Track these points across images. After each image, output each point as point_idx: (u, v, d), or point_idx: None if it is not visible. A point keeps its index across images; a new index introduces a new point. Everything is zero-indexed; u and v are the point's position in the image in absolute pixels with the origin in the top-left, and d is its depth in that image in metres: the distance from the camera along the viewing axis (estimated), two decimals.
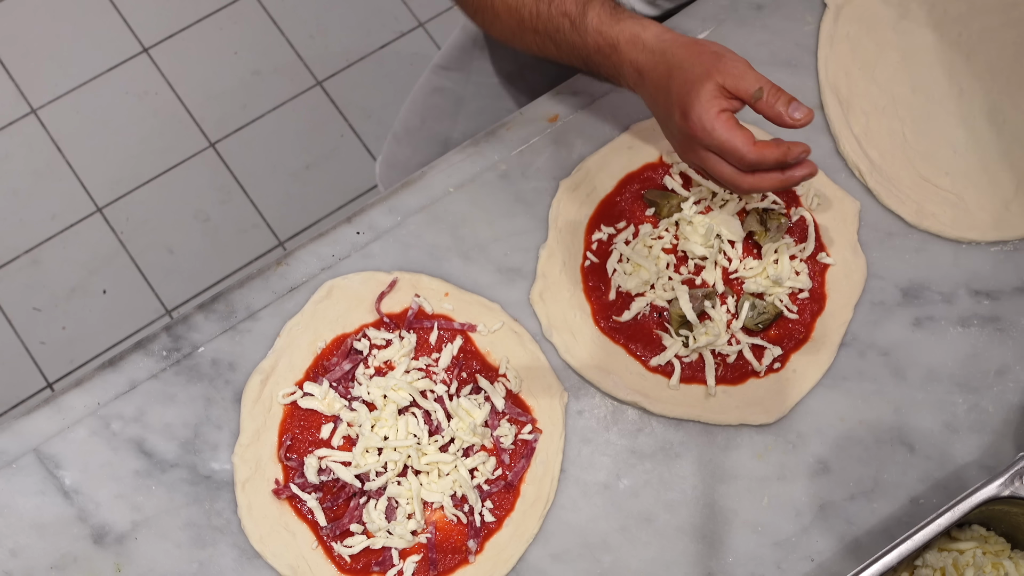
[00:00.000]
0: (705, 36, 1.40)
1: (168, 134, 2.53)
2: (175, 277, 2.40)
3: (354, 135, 2.55)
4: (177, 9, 2.65)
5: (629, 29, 1.16)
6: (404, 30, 2.66)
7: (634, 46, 1.15)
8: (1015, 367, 1.27)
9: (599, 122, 1.35)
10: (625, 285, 1.27)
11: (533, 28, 1.22)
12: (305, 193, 2.49)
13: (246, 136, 2.54)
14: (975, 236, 1.32)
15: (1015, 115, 1.38)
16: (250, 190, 2.49)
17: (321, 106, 2.58)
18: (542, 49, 1.24)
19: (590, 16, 1.18)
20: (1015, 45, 1.41)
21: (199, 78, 2.59)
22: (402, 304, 1.27)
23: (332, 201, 2.48)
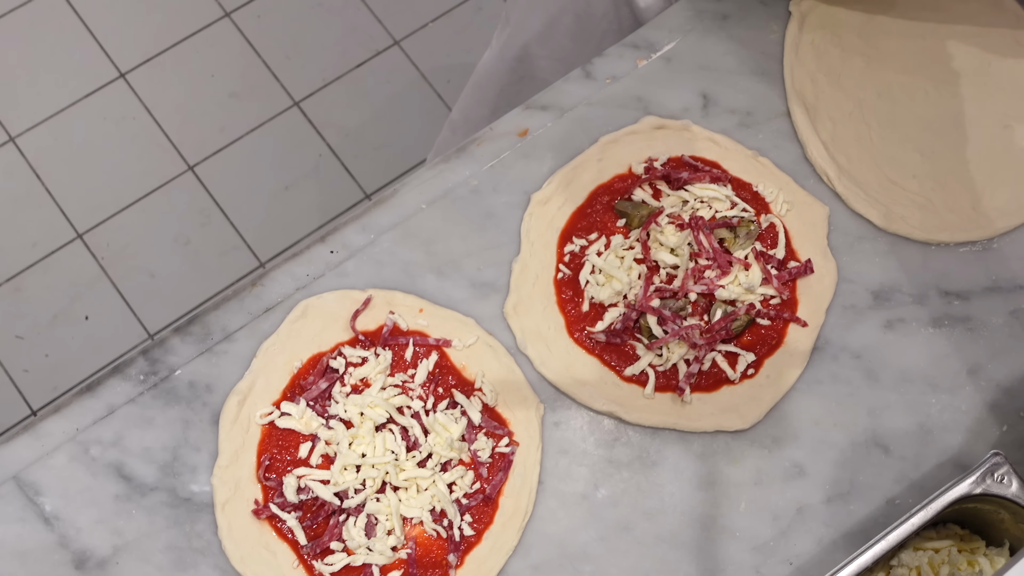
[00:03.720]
0: (671, 47, 1.41)
1: (147, 158, 2.54)
2: (157, 301, 2.40)
3: (332, 154, 2.56)
4: (153, 33, 2.66)
5: None
6: (379, 48, 2.68)
7: None
8: (987, 366, 1.28)
9: (568, 135, 1.36)
10: (598, 296, 1.28)
11: None
12: (285, 213, 2.50)
13: (224, 158, 2.55)
14: (944, 237, 1.33)
15: (980, 117, 1.39)
16: (230, 212, 2.50)
17: (299, 126, 2.59)
18: None
19: None
20: (978, 48, 1.43)
21: (176, 102, 2.60)
22: (377, 321, 1.27)
23: (312, 220, 2.49)
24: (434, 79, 2.65)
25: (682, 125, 1.36)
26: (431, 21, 2.71)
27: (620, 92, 1.39)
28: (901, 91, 1.40)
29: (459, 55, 2.68)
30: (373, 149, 2.57)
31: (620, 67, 1.40)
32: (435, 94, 2.64)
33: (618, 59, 1.41)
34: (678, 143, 1.36)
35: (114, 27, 2.65)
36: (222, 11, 2.68)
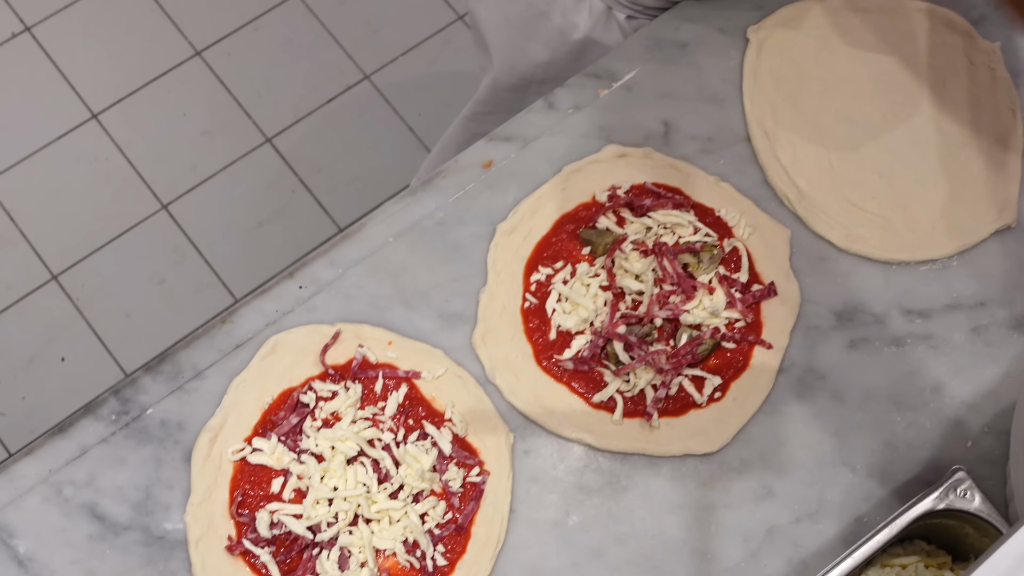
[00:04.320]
0: (632, 76, 1.43)
1: (120, 198, 2.55)
2: (133, 341, 2.41)
3: (305, 190, 2.57)
4: (124, 73, 2.67)
5: None
6: (350, 83, 2.70)
7: None
8: (950, 383, 1.30)
9: (532, 165, 1.38)
10: (565, 324, 1.29)
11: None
12: (260, 250, 2.51)
13: (198, 196, 2.56)
14: (904, 257, 1.35)
15: (936, 138, 1.41)
16: (204, 250, 2.51)
17: (271, 162, 2.60)
18: None
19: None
20: (931, 70, 1.45)
21: (149, 141, 2.61)
22: (346, 355, 1.28)
23: (287, 256, 2.50)
24: (405, 112, 2.67)
25: (644, 153, 1.38)
26: (400, 55, 2.73)
27: (582, 121, 1.40)
28: (858, 114, 1.42)
29: (429, 88, 2.70)
30: (346, 183, 2.58)
31: (582, 97, 1.42)
32: (406, 127, 2.66)
33: (580, 89, 1.43)
34: (641, 170, 1.37)
35: (85, 68, 2.67)
36: (192, 50, 2.69)
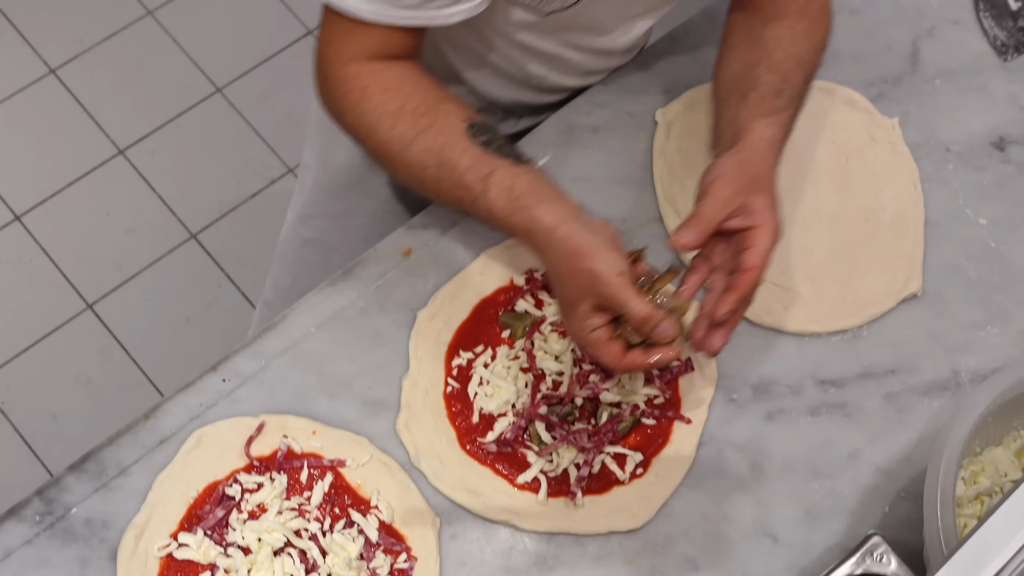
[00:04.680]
0: (546, 161, 1.46)
1: (44, 300, 2.53)
2: (60, 443, 2.38)
3: (231, 284, 2.58)
4: (48, 173, 2.67)
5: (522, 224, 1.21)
6: (274, 177, 2.72)
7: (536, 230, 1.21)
8: (865, 450, 1.33)
9: (451, 251, 1.40)
10: (487, 407, 1.30)
11: (436, 191, 1.25)
12: (187, 346, 2.50)
13: (123, 295, 2.55)
14: (816, 328, 1.39)
15: (842, 210, 1.46)
16: (131, 348, 2.50)
17: (197, 258, 2.60)
18: (442, 203, 1.29)
19: (491, 198, 1.22)
20: (835, 146, 1.50)
21: (73, 241, 2.60)
22: (271, 446, 1.29)
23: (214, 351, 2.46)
24: None
25: None
26: None
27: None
28: None
29: None
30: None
31: None
32: None
33: None
34: None
35: (6, 169, 2.67)
36: (115, 149, 2.70)
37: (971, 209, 1.49)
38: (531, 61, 1.45)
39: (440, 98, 1.26)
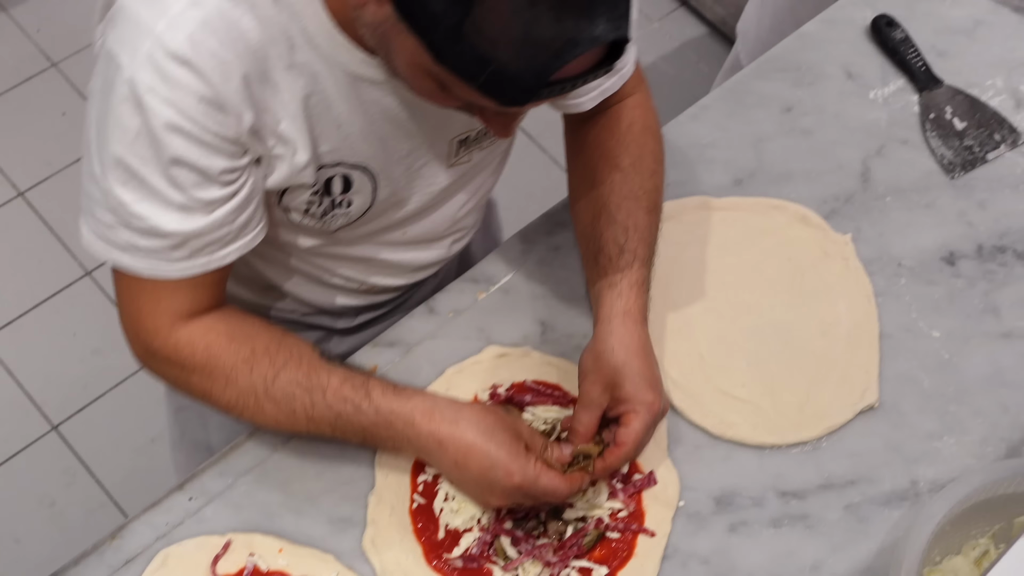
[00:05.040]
0: (508, 279, 1.49)
1: (9, 421, 2.53)
2: (23, 567, 2.36)
3: None
4: (15, 294, 2.69)
5: (421, 404, 1.25)
6: None
7: (431, 418, 1.24)
8: (827, 560, 1.34)
9: (416, 369, 1.42)
10: (453, 523, 1.31)
11: (308, 417, 1.25)
12: (152, 466, 2.49)
13: (89, 416, 2.55)
14: (775, 440, 1.41)
15: (798, 325, 1.49)
16: (96, 470, 2.48)
17: None
18: (316, 432, 1.28)
19: (375, 397, 1.24)
20: (790, 262, 1.54)
21: (39, 362, 2.61)
22: (237, 564, 1.29)
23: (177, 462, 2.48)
24: None
25: (523, 352, 1.44)
26: None
27: (463, 324, 1.46)
28: (725, 306, 1.50)
29: None
30: None
31: (461, 301, 1.48)
32: None
33: (459, 294, 1.49)
34: (520, 369, 1.43)
35: None
36: (82, 270, 2.72)
37: (924, 322, 1.53)
38: (344, 267, 1.45)
39: (283, 332, 1.28)
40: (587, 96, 1.39)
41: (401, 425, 1.24)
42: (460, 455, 1.23)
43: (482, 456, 1.23)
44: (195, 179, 1.13)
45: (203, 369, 1.24)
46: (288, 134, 1.17)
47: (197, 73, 1.07)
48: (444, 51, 0.96)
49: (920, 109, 1.71)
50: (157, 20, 1.06)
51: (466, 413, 1.26)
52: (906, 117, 1.71)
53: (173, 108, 1.08)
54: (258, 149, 1.17)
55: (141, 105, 1.08)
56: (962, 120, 1.70)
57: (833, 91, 1.72)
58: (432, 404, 1.25)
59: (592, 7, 0.95)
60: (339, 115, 1.20)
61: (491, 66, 0.96)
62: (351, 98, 1.19)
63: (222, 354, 1.24)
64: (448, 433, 1.24)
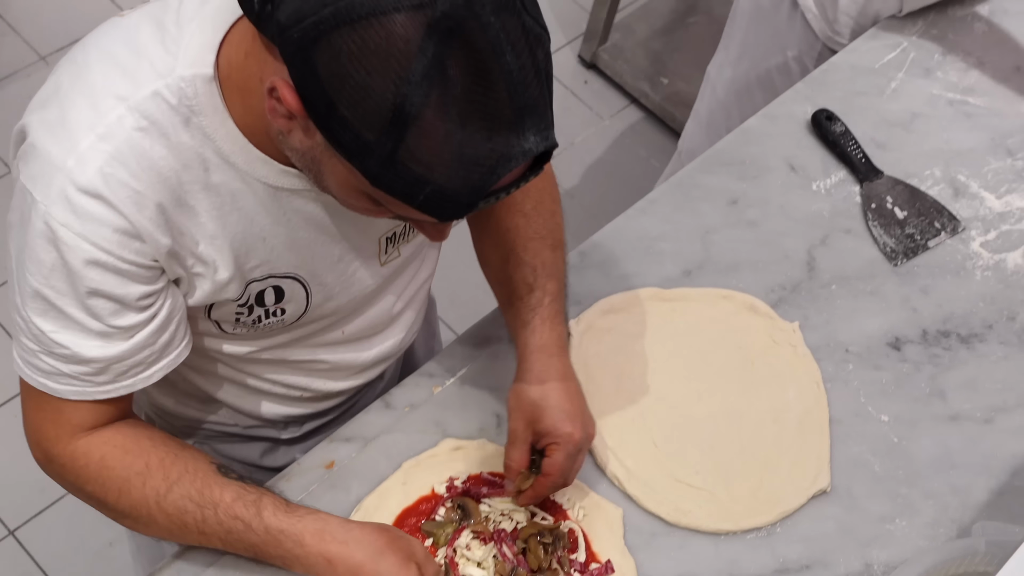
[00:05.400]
0: (464, 372, 1.51)
1: None
2: None
3: None
4: None
5: (312, 524, 1.26)
6: None
7: (322, 538, 1.25)
8: None
9: (373, 463, 1.43)
10: None
11: (199, 531, 1.26)
12: (110, 570, 2.46)
13: (46, 520, 2.52)
14: (730, 527, 1.43)
15: (749, 412, 1.52)
16: (54, 574, 2.45)
17: None
18: (209, 545, 1.28)
19: (266, 516, 1.25)
20: (740, 350, 1.57)
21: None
22: None
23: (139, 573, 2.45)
24: None
25: (479, 444, 1.45)
26: None
27: (419, 418, 1.48)
28: (677, 395, 1.52)
29: None
30: None
31: (417, 395, 1.50)
32: None
33: (415, 388, 1.50)
34: (477, 461, 1.44)
35: None
36: None
37: (873, 407, 1.56)
38: (284, 373, 1.45)
39: (181, 446, 1.29)
40: None
41: (290, 544, 1.24)
42: (348, 572, 1.24)
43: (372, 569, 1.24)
44: (112, 308, 1.14)
45: (97, 479, 1.25)
46: (207, 254, 1.19)
47: (109, 206, 1.09)
48: (380, 177, 0.99)
49: (862, 199, 1.76)
50: (67, 156, 1.08)
51: (356, 533, 1.26)
52: (849, 207, 1.76)
53: (87, 241, 1.09)
54: (177, 270, 1.19)
55: (56, 240, 1.09)
56: (903, 209, 1.75)
57: (777, 183, 1.77)
58: (323, 524, 1.26)
59: (521, 123, 0.98)
60: (263, 229, 1.21)
61: (428, 187, 0.98)
62: (273, 210, 1.20)
63: (116, 466, 1.24)
64: (337, 552, 1.24)
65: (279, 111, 1.03)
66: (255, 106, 1.09)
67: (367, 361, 1.50)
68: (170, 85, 1.09)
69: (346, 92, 0.95)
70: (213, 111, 1.11)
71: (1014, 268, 1.73)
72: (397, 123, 0.94)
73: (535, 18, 0.99)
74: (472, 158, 0.97)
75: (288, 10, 0.96)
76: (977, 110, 1.91)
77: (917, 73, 1.93)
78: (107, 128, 1.08)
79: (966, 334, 1.65)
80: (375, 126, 0.95)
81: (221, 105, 1.11)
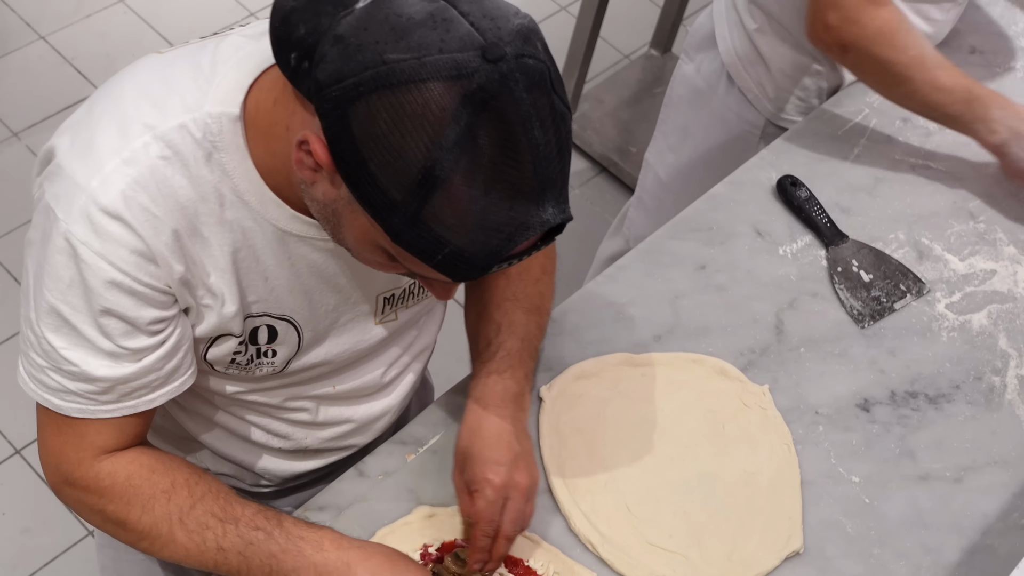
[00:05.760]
0: (436, 440, 1.52)
1: None
2: None
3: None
4: None
5: (330, 534, 1.30)
6: None
7: (340, 545, 1.29)
8: None
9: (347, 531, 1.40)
10: None
11: (218, 546, 1.27)
12: None
13: None
14: None
15: (722, 473, 1.53)
16: None
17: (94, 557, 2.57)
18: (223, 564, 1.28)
19: (287, 525, 1.28)
20: (711, 413, 1.59)
21: None
22: None
23: None
24: None
25: (452, 511, 1.45)
26: None
27: (392, 486, 1.48)
28: (649, 459, 1.53)
29: None
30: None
31: (390, 463, 1.50)
32: None
33: (388, 456, 1.51)
34: (451, 528, 1.44)
35: None
36: (12, 448, 2.70)
37: (843, 468, 1.57)
38: (270, 418, 1.47)
39: (203, 470, 1.32)
40: None
41: (311, 551, 1.27)
42: (369, 573, 1.26)
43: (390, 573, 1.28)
44: (124, 328, 1.18)
45: (122, 497, 1.27)
46: (217, 286, 1.22)
47: (128, 227, 1.13)
48: (401, 234, 1.03)
49: (828, 263, 1.79)
50: (91, 177, 1.12)
51: (374, 545, 1.32)
52: (815, 271, 1.78)
53: (105, 261, 1.13)
54: (188, 299, 1.22)
55: (75, 257, 1.13)
56: (868, 272, 1.78)
57: (744, 248, 1.80)
58: (341, 535, 1.30)
59: (543, 195, 1.03)
60: (266, 268, 1.25)
61: (447, 248, 1.02)
62: (279, 252, 1.24)
63: (143, 484, 1.27)
64: (357, 555, 1.28)
65: (306, 163, 1.07)
66: (277, 150, 1.14)
67: (355, 420, 1.52)
68: (197, 119, 1.14)
69: (379, 152, 0.99)
70: (235, 149, 1.16)
71: (979, 329, 1.75)
72: (425, 185, 0.99)
73: (561, 97, 1.04)
74: (493, 224, 1.01)
75: (328, 70, 1.01)
76: (939, 175, 1.95)
77: (879, 139, 1.97)
78: (132, 153, 1.13)
79: (934, 395, 1.67)
80: (403, 186, 0.99)
81: (243, 144, 1.16)
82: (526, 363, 1.45)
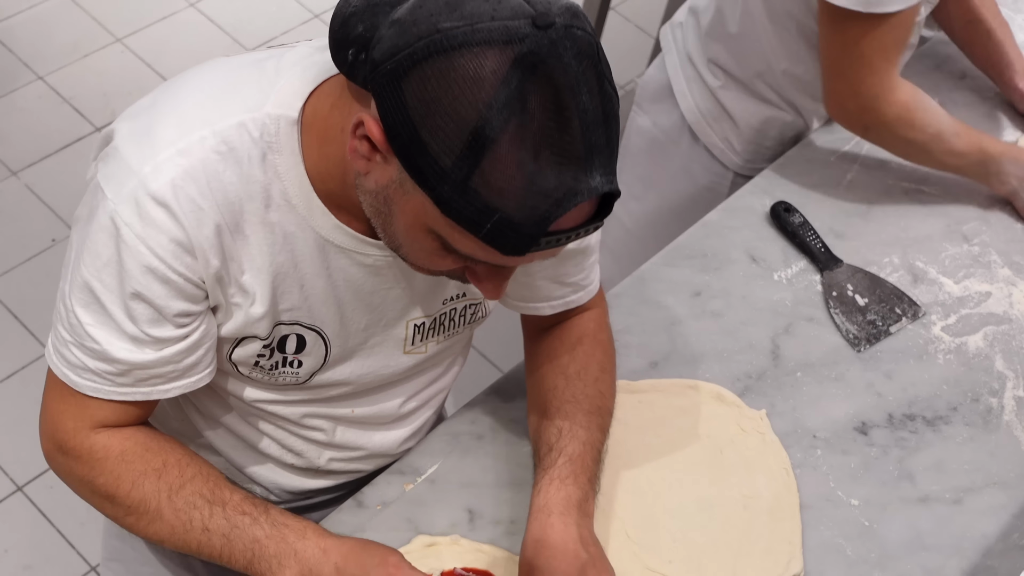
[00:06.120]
0: (435, 470, 1.52)
1: None
2: None
3: None
4: None
5: (314, 525, 1.31)
6: None
7: (322, 534, 1.31)
8: None
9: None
10: None
11: (203, 527, 1.28)
12: None
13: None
14: None
15: (720, 500, 1.53)
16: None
17: None
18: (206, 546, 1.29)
19: (273, 513, 1.30)
20: (709, 439, 1.59)
21: None
22: None
23: None
24: None
25: (452, 540, 1.46)
26: None
27: (391, 516, 1.48)
28: (647, 485, 1.53)
29: None
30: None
31: (389, 493, 1.50)
32: None
33: (386, 486, 1.51)
34: (450, 557, 1.44)
35: None
36: (14, 486, 2.70)
37: (842, 491, 1.58)
38: (284, 432, 1.47)
39: (195, 453, 1.34)
40: (547, 303, 1.48)
41: (293, 537, 1.28)
42: (340, 557, 1.28)
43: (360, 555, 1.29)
44: (151, 315, 1.20)
45: (113, 471, 1.28)
46: (249, 285, 1.24)
47: (173, 216, 1.15)
48: (451, 203, 1.04)
49: (823, 288, 1.80)
50: (145, 163, 1.15)
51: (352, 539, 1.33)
52: (810, 296, 1.79)
53: (145, 245, 1.16)
54: (218, 296, 1.24)
55: (117, 237, 1.16)
56: (863, 296, 1.78)
57: (739, 274, 1.81)
58: (324, 529, 1.32)
59: (590, 161, 1.04)
60: (304, 275, 1.26)
61: (496, 215, 1.03)
62: (317, 261, 1.26)
63: (135, 460, 1.28)
64: (335, 542, 1.29)
65: (360, 151, 1.09)
66: (330, 153, 1.17)
67: (367, 448, 1.52)
68: (256, 119, 1.17)
69: (430, 116, 1.01)
70: (289, 152, 1.19)
71: (975, 351, 1.76)
72: (474, 147, 1.00)
73: (609, 77, 1.06)
74: (541, 189, 1.02)
75: (384, 47, 1.04)
76: (932, 198, 1.96)
77: (872, 164, 1.99)
78: (187, 145, 1.16)
79: (931, 417, 1.67)
80: (453, 150, 1.01)
81: (297, 149, 1.19)
82: (589, 468, 1.43)
